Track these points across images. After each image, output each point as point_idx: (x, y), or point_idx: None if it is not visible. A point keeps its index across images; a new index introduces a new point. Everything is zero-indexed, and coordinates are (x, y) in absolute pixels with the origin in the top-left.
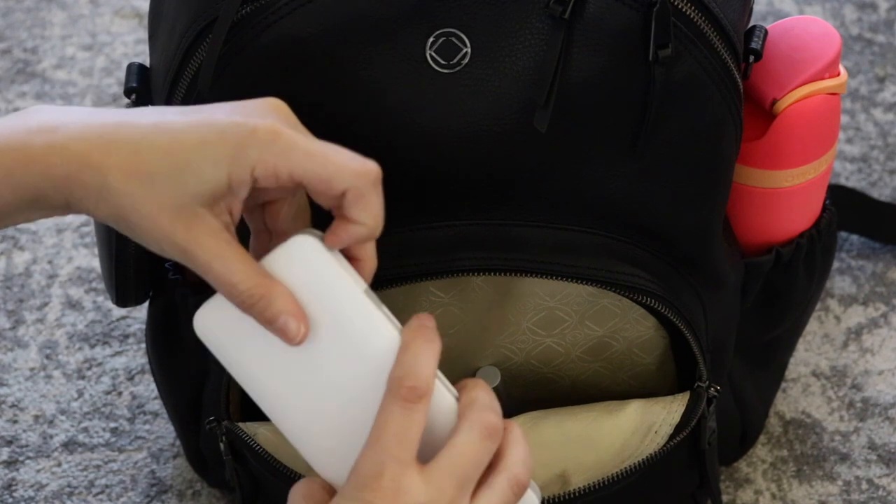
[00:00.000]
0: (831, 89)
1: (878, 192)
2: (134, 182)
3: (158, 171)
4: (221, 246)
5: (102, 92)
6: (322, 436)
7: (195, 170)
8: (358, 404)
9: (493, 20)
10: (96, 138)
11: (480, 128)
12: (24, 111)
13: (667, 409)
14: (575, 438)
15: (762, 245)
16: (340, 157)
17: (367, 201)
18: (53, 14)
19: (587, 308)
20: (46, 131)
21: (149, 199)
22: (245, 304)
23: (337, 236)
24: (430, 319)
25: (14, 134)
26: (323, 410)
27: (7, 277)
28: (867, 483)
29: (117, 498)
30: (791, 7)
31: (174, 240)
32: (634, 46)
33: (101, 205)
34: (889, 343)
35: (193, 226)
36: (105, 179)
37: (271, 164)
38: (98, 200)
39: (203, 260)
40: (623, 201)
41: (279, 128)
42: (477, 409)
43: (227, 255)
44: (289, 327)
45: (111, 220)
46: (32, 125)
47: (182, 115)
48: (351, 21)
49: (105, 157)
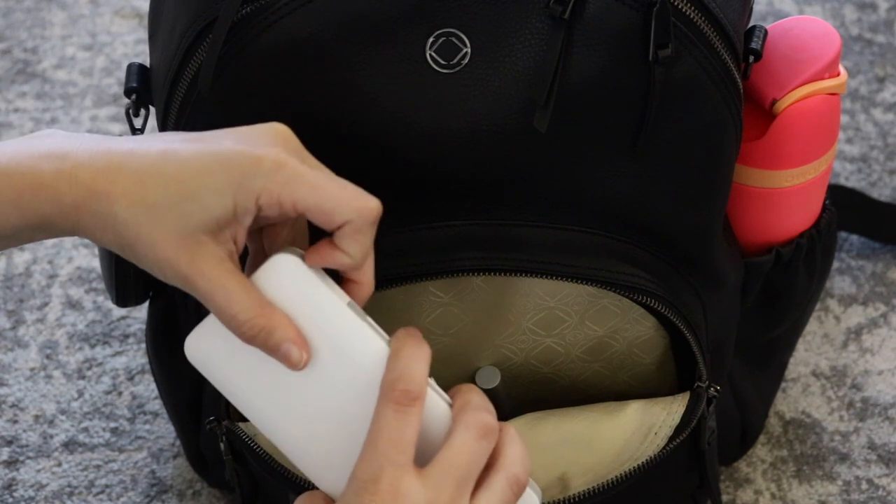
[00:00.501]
0: (831, 89)
1: (878, 192)
2: (139, 211)
3: (163, 201)
4: (224, 276)
5: (102, 92)
6: (317, 448)
7: (200, 199)
8: (351, 415)
9: (493, 20)
10: (104, 167)
11: (480, 128)
12: (34, 135)
13: (666, 410)
14: (574, 440)
15: (762, 245)
16: (344, 192)
17: (361, 237)
18: (53, 14)
19: (587, 308)
20: (56, 158)
21: (154, 228)
22: (246, 335)
23: (320, 257)
24: (416, 330)
25: (24, 158)
26: (316, 424)
27: (7, 277)
28: (867, 483)
29: (117, 498)
30: (791, 7)
31: (178, 269)
32: (634, 46)
33: (108, 233)
34: (889, 343)
35: (197, 255)
36: (112, 208)
37: (275, 193)
38: (104, 228)
39: (205, 290)
40: (623, 201)
41: (284, 158)
42: (471, 411)
43: (229, 285)
44: (291, 355)
45: (117, 247)
46: (42, 150)
47: (189, 142)
48: (351, 21)
49: (112, 186)
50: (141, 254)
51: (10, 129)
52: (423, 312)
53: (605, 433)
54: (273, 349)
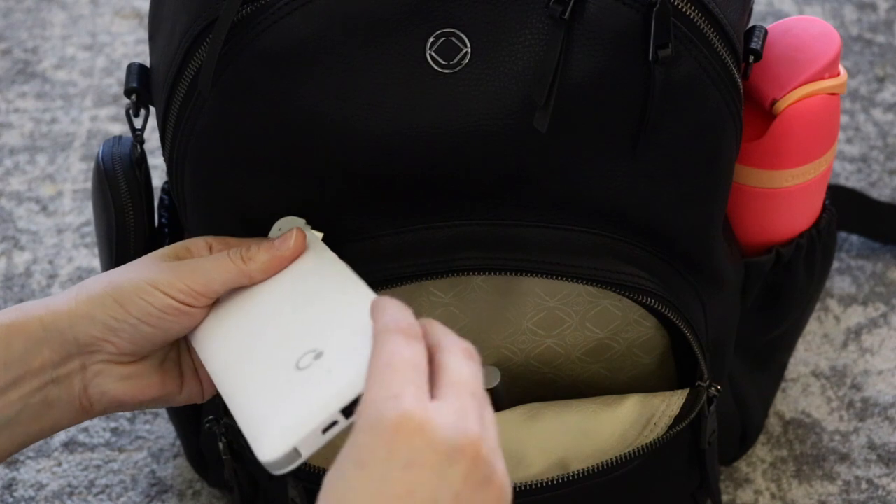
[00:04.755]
0: (831, 89)
1: (878, 193)
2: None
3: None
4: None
5: (103, 92)
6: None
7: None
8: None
9: (493, 20)
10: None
11: (480, 128)
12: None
13: (666, 402)
14: (574, 429)
15: (762, 245)
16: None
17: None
18: (54, 14)
19: (587, 309)
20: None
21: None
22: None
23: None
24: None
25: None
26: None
27: (7, 277)
28: (867, 483)
29: (117, 498)
30: (791, 7)
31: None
32: (634, 46)
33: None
34: (889, 343)
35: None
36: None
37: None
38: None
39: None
40: (623, 201)
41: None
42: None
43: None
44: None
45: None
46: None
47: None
48: (351, 21)
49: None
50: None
51: (10, 128)
52: (423, 312)
53: (605, 423)
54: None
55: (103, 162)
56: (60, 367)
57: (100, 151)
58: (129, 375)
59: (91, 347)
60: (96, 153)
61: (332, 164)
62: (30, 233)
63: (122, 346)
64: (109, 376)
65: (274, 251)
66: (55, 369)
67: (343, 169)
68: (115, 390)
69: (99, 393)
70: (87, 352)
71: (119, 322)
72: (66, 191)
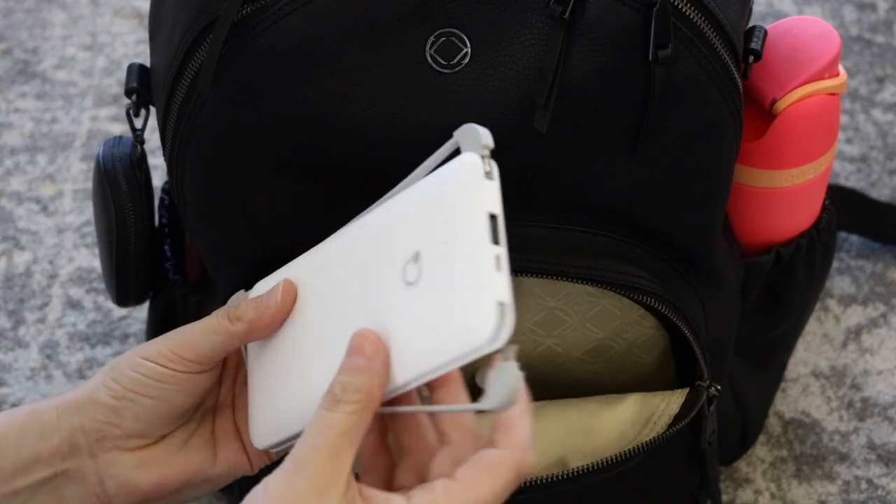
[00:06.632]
0: (831, 89)
1: (878, 193)
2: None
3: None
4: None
5: (103, 92)
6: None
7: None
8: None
9: (493, 20)
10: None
11: None
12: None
13: (666, 401)
14: (574, 427)
15: (762, 245)
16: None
17: None
18: (54, 14)
19: (588, 309)
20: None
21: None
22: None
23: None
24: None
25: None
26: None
27: (8, 277)
28: (866, 483)
29: None
30: (791, 7)
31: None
32: (634, 46)
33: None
34: (888, 343)
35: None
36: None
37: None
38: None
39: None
40: (623, 201)
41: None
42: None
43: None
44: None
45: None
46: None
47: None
48: (351, 21)
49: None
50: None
51: (10, 129)
52: None
53: (604, 422)
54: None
55: (103, 162)
56: (69, 459)
57: (100, 151)
58: (145, 462)
59: (97, 434)
60: (96, 153)
61: (332, 163)
62: (30, 233)
63: (127, 428)
64: (123, 465)
65: (262, 308)
66: (64, 461)
67: (343, 169)
68: (133, 479)
69: (115, 486)
70: (94, 439)
71: (119, 400)
72: (67, 191)
